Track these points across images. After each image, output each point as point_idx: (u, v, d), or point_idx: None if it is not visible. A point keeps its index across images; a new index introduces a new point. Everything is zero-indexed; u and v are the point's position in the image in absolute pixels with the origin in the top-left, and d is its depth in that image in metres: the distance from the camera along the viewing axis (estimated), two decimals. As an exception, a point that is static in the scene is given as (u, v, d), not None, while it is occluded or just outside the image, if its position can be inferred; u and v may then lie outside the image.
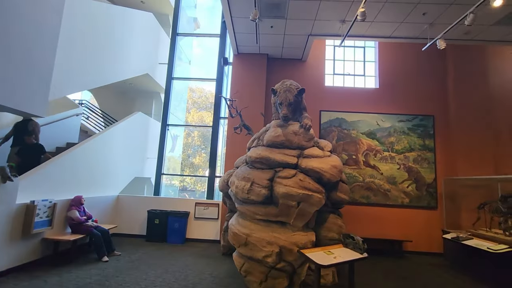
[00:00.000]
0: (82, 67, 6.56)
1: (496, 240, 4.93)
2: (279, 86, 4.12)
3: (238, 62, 7.20)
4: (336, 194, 4.13)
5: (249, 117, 6.42)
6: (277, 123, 4.29)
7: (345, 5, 5.10)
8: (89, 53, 6.79)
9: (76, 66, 6.35)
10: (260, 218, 3.92)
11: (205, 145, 19.76)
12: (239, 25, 5.97)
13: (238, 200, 4.24)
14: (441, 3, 4.88)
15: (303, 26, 5.84)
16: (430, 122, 6.97)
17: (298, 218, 3.80)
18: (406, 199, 6.71)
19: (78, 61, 6.41)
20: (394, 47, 7.31)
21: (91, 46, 6.84)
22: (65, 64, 5.94)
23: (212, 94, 25.26)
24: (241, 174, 4.13)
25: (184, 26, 9.60)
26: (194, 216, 6.74)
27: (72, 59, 6.21)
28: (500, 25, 5.42)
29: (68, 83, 6.08)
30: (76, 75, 6.40)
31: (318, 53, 7.46)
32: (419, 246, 6.49)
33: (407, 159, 6.86)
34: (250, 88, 6.97)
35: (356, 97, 7.16)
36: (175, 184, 15.82)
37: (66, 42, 5.89)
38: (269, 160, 3.95)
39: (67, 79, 6.06)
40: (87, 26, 6.67)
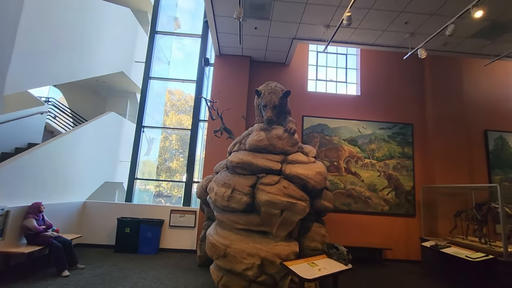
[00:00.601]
0: (46, 60, 5.99)
1: (473, 248, 4.99)
2: (263, 87, 3.92)
3: (220, 63, 6.95)
4: (320, 202, 3.96)
5: (230, 121, 6.17)
6: (260, 127, 4.08)
7: (330, 10, 5.03)
8: (55, 45, 6.23)
9: (39, 59, 5.78)
10: (241, 227, 3.65)
11: (183, 149, 19.17)
12: (222, 25, 5.74)
13: (217, 208, 3.96)
14: (423, 12, 4.95)
15: (287, 29, 5.72)
16: (409, 130, 7.08)
17: (281, 228, 3.58)
18: (386, 207, 6.71)
19: (42, 53, 5.85)
20: (375, 55, 7.41)
21: (57, 38, 6.29)
22: (27, 55, 5.38)
23: (192, 97, 24.65)
24: (221, 180, 3.85)
25: (164, 25, 9.23)
26: (169, 224, 6.32)
27: (36, 50, 5.65)
28: (475, 38, 5.61)
29: (29, 76, 5.51)
30: (40, 69, 5.83)
31: (301, 58, 7.39)
32: (398, 254, 6.49)
33: (387, 166, 6.89)
34: (232, 91, 6.73)
35: (338, 104, 7.14)
36: (150, 189, 15.11)
37: (29, 31, 5.35)
38: (251, 166, 3.72)
39: (28, 72, 5.49)
40: (54, 15, 6.13)
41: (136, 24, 9.59)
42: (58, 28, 6.26)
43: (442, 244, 5.36)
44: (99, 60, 7.97)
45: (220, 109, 5.30)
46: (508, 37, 5.44)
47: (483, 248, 4.89)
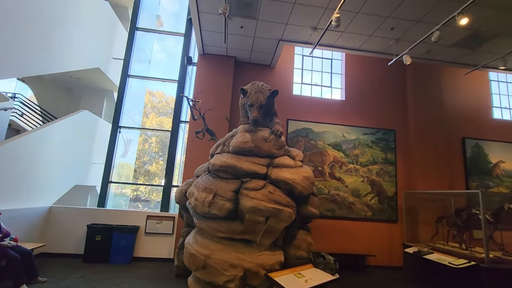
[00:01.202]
0: (14, 50, 5.47)
1: (455, 254, 5.00)
2: (249, 86, 3.72)
3: (203, 63, 6.69)
4: (307, 208, 3.79)
5: (213, 122, 5.91)
6: (245, 128, 3.86)
7: (318, 12, 4.95)
8: (24, 35, 5.71)
9: (6, 48, 5.26)
10: (223, 235, 3.39)
11: (163, 152, 18.55)
12: (206, 22, 5.50)
13: (197, 215, 3.68)
14: (408, 19, 4.97)
15: (274, 30, 5.58)
16: (392, 136, 7.13)
17: (265, 236, 3.35)
18: (369, 212, 6.67)
19: (9, 43, 5.33)
20: (359, 61, 7.44)
21: (27, 27, 5.78)
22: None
23: (174, 99, 24.06)
24: (202, 185, 3.59)
25: (145, 22, 8.85)
26: (145, 231, 5.91)
27: (2, 39, 5.13)
28: (456, 47, 5.73)
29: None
30: (5, 59, 5.30)
31: (287, 61, 7.29)
32: (380, 260, 6.44)
33: (371, 172, 6.88)
34: (215, 91, 6.48)
35: (323, 108, 7.07)
36: (127, 193, 14.40)
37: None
38: (235, 169, 3.48)
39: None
40: (20, 2, 5.63)
41: (114, 19, 9.13)
42: (29, 17, 5.75)
43: (425, 251, 5.35)
44: (73, 54, 7.45)
45: (203, 109, 5.04)
46: (487, 47, 5.60)
47: (465, 254, 4.91)
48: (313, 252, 3.63)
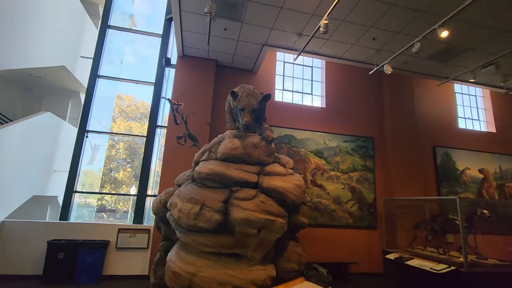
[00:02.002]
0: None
1: (434, 259, 5.12)
2: (239, 90, 3.52)
3: (183, 65, 6.37)
4: (298, 218, 3.62)
5: (193, 127, 5.55)
6: (233, 134, 3.64)
7: (304, 18, 4.91)
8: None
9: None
10: (210, 250, 3.10)
11: (131, 158, 17.55)
12: (188, 22, 5.24)
13: (180, 228, 3.35)
14: (390, 30, 5.11)
15: (259, 34, 5.46)
16: (370, 144, 7.29)
17: (257, 249, 3.12)
18: (350, 220, 6.70)
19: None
20: (339, 69, 7.57)
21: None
22: None
23: (144, 104, 22.56)
24: (187, 195, 3.28)
25: (118, 21, 8.33)
26: (116, 245, 5.37)
27: None
28: (431, 60, 6.02)
29: None
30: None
31: (269, 67, 7.20)
32: (362, 267, 6.45)
33: (351, 179, 6.94)
34: (196, 95, 6.18)
35: (305, 115, 7.05)
36: (91, 203, 13.29)
37: None
38: (224, 177, 3.23)
39: None
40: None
41: (83, 15, 8.47)
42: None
43: (406, 257, 5.43)
44: (34, 49, 6.73)
45: (184, 114, 4.73)
46: (458, 61, 5.94)
47: (443, 258, 5.05)
48: (305, 265, 3.46)
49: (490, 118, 8.63)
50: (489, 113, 8.70)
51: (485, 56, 5.56)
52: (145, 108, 21.70)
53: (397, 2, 4.37)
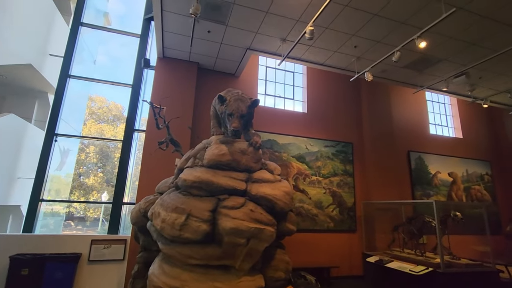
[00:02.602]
0: None
1: (412, 260, 5.29)
2: (226, 94, 3.41)
3: (163, 67, 6.14)
4: (286, 225, 3.56)
5: (174, 131, 5.36)
6: (219, 139, 3.52)
7: (289, 23, 4.93)
8: None
9: None
10: (196, 263, 2.95)
11: (103, 163, 16.67)
12: (170, 22, 5.05)
13: (163, 239, 3.16)
14: (371, 39, 5.27)
15: (243, 38, 5.39)
16: (350, 149, 7.45)
17: (246, 260, 3.02)
18: (331, 224, 6.77)
19: None
20: (320, 75, 7.69)
21: None
22: None
23: (117, 106, 21.58)
24: (171, 204, 3.10)
25: (91, 18, 7.89)
26: (89, 258, 4.99)
27: None
28: (408, 69, 6.29)
29: None
30: None
31: (251, 71, 7.15)
32: (342, 270, 6.53)
33: (332, 183, 7.04)
34: (176, 99, 5.97)
35: (287, 120, 7.07)
36: (58, 211, 12.38)
37: None
38: (211, 185, 3.10)
39: None
40: None
41: (53, 10, 7.93)
42: None
43: (386, 259, 5.56)
44: (-4, 46, 6.17)
45: (166, 118, 4.53)
46: (432, 71, 6.26)
47: (421, 260, 5.23)
48: (293, 273, 3.40)
49: (458, 125, 9.21)
50: (456, 120, 9.28)
51: (456, 66, 5.91)
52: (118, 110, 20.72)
53: (379, 12, 4.51)
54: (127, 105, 6.37)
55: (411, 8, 4.39)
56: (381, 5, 4.35)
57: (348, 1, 4.28)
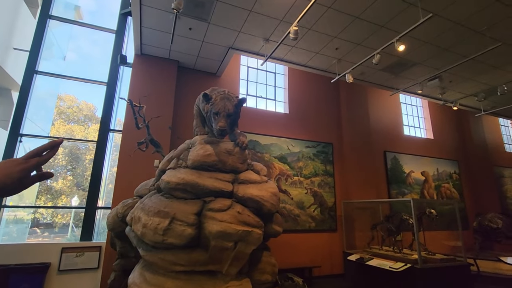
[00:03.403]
0: None
1: (390, 257, 5.45)
2: (211, 92, 3.29)
3: (141, 65, 5.88)
4: (272, 227, 3.50)
5: (153, 131, 5.14)
6: (204, 139, 3.39)
7: (273, 23, 4.90)
8: None
9: None
10: (181, 269, 2.80)
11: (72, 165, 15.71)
12: (149, 18, 4.84)
13: (144, 245, 2.98)
14: (352, 41, 5.38)
15: (225, 36, 5.29)
16: (330, 149, 7.58)
17: (233, 264, 2.92)
18: (312, 224, 6.83)
19: None
20: (301, 76, 7.76)
21: None
22: None
23: (88, 105, 20.74)
24: (153, 207, 2.93)
25: (61, 11, 7.39)
26: (59, 268, 4.63)
27: None
28: (385, 72, 6.51)
29: None
30: None
31: (233, 71, 7.06)
32: (324, 269, 6.60)
33: (313, 183, 7.11)
34: (155, 98, 5.73)
35: (269, 120, 7.05)
36: (23, 218, 11.44)
37: None
38: (197, 187, 2.97)
39: None
40: None
41: (18, 1, 7.33)
42: None
43: (367, 257, 5.69)
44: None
45: (147, 116, 4.31)
46: (408, 74, 6.53)
47: (399, 257, 5.40)
48: (280, 276, 3.35)
49: (429, 126, 9.69)
50: (428, 122, 9.76)
51: (430, 70, 6.20)
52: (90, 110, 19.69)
53: (360, 15, 4.61)
54: (99, 105, 6.04)
55: (391, 12, 4.53)
56: (362, 8, 4.45)
57: (332, 3, 4.33)
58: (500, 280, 6.13)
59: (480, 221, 8.15)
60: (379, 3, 4.32)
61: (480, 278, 6.27)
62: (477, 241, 8.20)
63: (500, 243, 7.97)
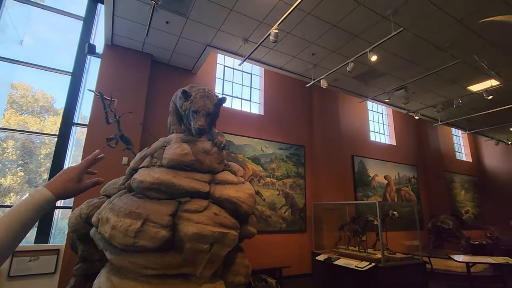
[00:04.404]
0: None
1: (356, 257, 5.71)
2: (190, 89, 3.19)
3: (111, 56, 5.54)
4: (247, 228, 3.48)
5: (123, 127, 4.87)
6: (180, 138, 3.28)
7: (253, 24, 4.90)
8: None
9: None
10: (153, 273, 2.67)
11: (24, 160, 14.38)
12: (123, 7, 4.58)
13: (112, 248, 2.80)
14: (328, 48, 5.56)
15: (204, 33, 5.18)
16: (302, 152, 7.75)
17: (207, 266, 2.85)
18: (283, 225, 6.93)
19: None
20: (276, 78, 7.85)
21: None
22: None
23: (46, 95, 19.51)
24: (124, 208, 2.76)
25: (19, -9, 6.72)
26: (8, 274, 4.18)
27: None
28: (356, 80, 6.82)
29: None
30: None
31: (209, 70, 6.94)
32: (294, 269, 6.72)
33: (285, 185, 7.22)
34: (126, 92, 5.43)
35: (244, 121, 7.03)
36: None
37: None
38: (172, 187, 2.85)
39: None
40: None
41: (-33, -25, 6.52)
42: None
43: (334, 257, 5.90)
44: None
45: (118, 111, 4.06)
46: (376, 83, 6.90)
47: (364, 256, 5.68)
48: (253, 277, 3.34)
49: (392, 133, 10.33)
50: (391, 129, 10.41)
51: (397, 81, 6.62)
52: (47, 101, 18.19)
53: (337, 23, 4.77)
54: (58, 95, 5.60)
55: (365, 23, 4.76)
56: (340, 16, 4.62)
57: (311, 9, 4.44)
58: (450, 276, 6.71)
59: (434, 222, 8.88)
60: (355, 13, 4.52)
61: (433, 274, 6.81)
62: (431, 240, 8.92)
63: (450, 242, 8.74)
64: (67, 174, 0.89)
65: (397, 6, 4.31)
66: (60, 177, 0.88)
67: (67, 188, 0.87)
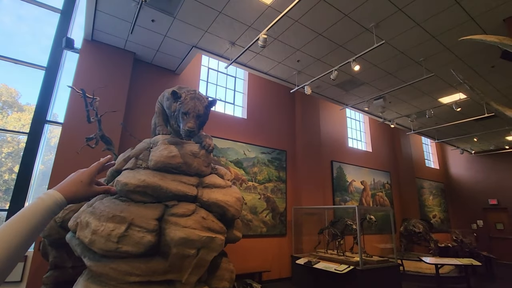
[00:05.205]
0: None
1: (335, 260, 5.85)
2: (179, 90, 3.11)
3: (91, 51, 5.30)
4: (233, 233, 3.45)
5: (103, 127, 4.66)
6: (167, 140, 3.19)
7: (241, 28, 4.91)
8: None
9: None
10: (137, 279, 2.56)
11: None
12: (107, 2, 4.41)
13: (92, 254, 2.65)
14: (313, 56, 5.70)
15: (190, 34, 5.11)
16: (284, 156, 7.84)
17: (193, 272, 2.78)
18: (264, 229, 6.94)
19: None
20: (260, 83, 7.91)
21: None
22: None
23: (10, 90, 18.44)
24: (106, 212, 2.63)
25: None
26: (-34, 284, 3.80)
27: None
28: (338, 87, 7.04)
29: None
30: None
31: (193, 71, 6.84)
32: (273, 273, 6.74)
33: (267, 189, 7.25)
34: (106, 90, 5.19)
35: (227, 124, 6.99)
36: None
37: None
38: (159, 190, 2.76)
39: None
40: None
41: None
42: None
43: (314, 261, 5.99)
44: None
45: (100, 110, 3.88)
46: (356, 92, 7.17)
47: (342, 259, 5.82)
48: (238, 282, 3.31)
49: (368, 140, 10.76)
50: (367, 136, 10.83)
51: (376, 91, 6.92)
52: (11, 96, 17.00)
53: (323, 32, 4.92)
54: (24, 91, 5.27)
55: (349, 34, 4.94)
56: (325, 26, 4.76)
57: (299, 17, 4.54)
58: (421, 277, 7.06)
59: (406, 226, 9.31)
60: (341, 24, 4.68)
61: (405, 276, 7.12)
62: (403, 244, 9.34)
63: (420, 245, 9.21)
64: (78, 177, 0.84)
65: (380, 20, 4.53)
66: (70, 180, 0.83)
67: (78, 191, 0.82)
